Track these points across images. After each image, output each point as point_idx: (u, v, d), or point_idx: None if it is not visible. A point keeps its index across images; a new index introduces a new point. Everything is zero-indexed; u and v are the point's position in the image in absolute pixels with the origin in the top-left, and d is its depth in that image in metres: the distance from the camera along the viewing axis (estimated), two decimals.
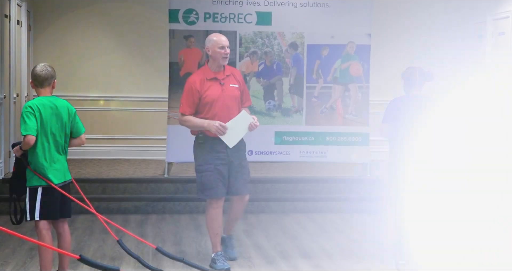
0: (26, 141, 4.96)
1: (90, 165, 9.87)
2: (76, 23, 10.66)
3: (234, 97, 5.93)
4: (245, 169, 6.01)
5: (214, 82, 5.88)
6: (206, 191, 5.91)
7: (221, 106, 5.85)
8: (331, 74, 9.20)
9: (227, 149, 5.88)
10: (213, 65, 5.92)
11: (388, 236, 7.13)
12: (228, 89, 5.90)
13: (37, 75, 5.13)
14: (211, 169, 5.87)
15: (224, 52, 5.83)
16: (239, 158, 5.98)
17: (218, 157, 5.88)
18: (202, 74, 5.92)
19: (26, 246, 6.66)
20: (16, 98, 9.33)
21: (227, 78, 5.94)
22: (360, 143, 9.18)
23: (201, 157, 5.96)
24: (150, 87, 10.72)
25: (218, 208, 5.94)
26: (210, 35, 5.99)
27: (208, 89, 5.84)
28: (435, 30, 11.17)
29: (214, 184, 5.87)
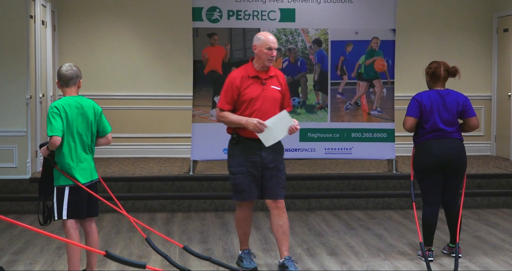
0: (52, 141, 4.99)
1: (115, 164, 9.92)
2: (100, 23, 10.71)
3: (274, 99, 5.68)
4: (281, 173, 5.72)
5: (255, 81, 5.65)
6: (237, 194, 5.73)
7: (260, 106, 5.61)
8: (355, 70, 9.16)
9: (261, 152, 5.64)
10: (257, 63, 5.68)
11: (414, 232, 7.11)
12: (269, 89, 5.66)
13: (63, 75, 5.15)
14: (244, 172, 5.65)
15: (270, 54, 5.60)
16: (275, 161, 5.70)
17: (251, 159, 5.64)
18: (244, 71, 5.69)
19: (54, 245, 6.71)
20: (42, 98, 9.40)
21: (270, 79, 5.70)
22: (385, 139, 9.13)
23: (234, 159, 5.72)
24: (175, 86, 10.74)
25: (247, 210, 5.81)
26: (259, 33, 5.74)
27: (248, 87, 5.62)
28: (460, 24, 11.07)
29: (246, 187, 5.66)
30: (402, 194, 8.67)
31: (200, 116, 8.95)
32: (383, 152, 9.16)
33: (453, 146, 6.06)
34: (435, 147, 6.04)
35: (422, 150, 6.11)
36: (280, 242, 5.74)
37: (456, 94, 6.15)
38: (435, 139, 6.06)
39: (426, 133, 6.09)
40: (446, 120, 6.05)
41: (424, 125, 6.09)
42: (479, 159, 10.55)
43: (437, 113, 6.04)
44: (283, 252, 5.73)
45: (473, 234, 7.15)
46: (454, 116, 6.08)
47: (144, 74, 10.78)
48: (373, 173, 9.11)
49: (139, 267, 3.46)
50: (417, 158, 6.16)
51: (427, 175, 6.10)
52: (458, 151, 6.07)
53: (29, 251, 6.50)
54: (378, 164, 9.76)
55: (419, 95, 6.15)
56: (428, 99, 6.08)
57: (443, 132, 6.05)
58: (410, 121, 6.10)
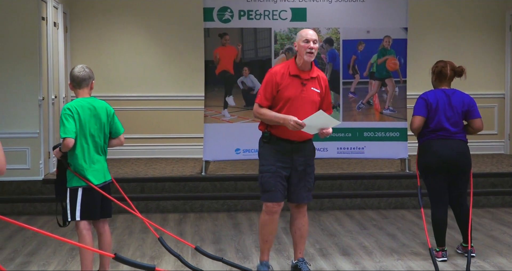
0: (65, 143, 4.99)
1: (128, 165, 9.93)
2: (111, 24, 10.74)
3: (313, 102, 5.41)
4: (309, 176, 5.54)
5: (295, 80, 5.39)
6: (265, 194, 5.48)
7: (296, 106, 5.36)
8: (367, 69, 9.13)
9: (292, 154, 5.46)
10: (299, 61, 5.40)
11: (428, 232, 7.08)
12: (308, 91, 5.39)
13: (75, 76, 5.16)
14: (272, 171, 5.43)
15: (308, 46, 5.30)
16: (305, 164, 5.51)
17: (281, 160, 5.45)
18: (286, 68, 5.43)
19: (67, 246, 6.73)
20: (55, 99, 9.43)
21: (311, 80, 5.42)
22: (398, 138, 9.09)
23: (264, 157, 5.51)
24: (186, 86, 10.75)
25: (273, 213, 5.49)
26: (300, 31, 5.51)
27: (287, 85, 5.37)
28: (473, 22, 11.01)
29: (272, 187, 5.43)
30: (415, 194, 8.60)
31: (212, 116, 8.95)
32: (395, 151, 9.12)
33: (456, 147, 6.02)
34: (439, 147, 6.00)
35: (426, 149, 6.08)
36: (296, 245, 5.68)
37: (461, 94, 6.12)
38: (439, 139, 6.03)
39: (430, 132, 6.06)
40: (451, 120, 6.02)
41: (429, 124, 6.06)
42: (492, 157, 10.48)
43: (443, 112, 6.01)
44: (297, 254, 5.69)
45: (487, 234, 7.10)
46: (459, 116, 6.05)
47: (156, 75, 10.79)
48: (385, 173, 9.08)
49: (148, 269, 3.46)
50: (421, 158, 6.14)
51: (432, 175, 6.07)
52: (461, 152, 6.03)
53: (42, 252, 6.52)
54: (390, 163, 9.72)
55: (425, 94, 6.13)
56: (434, 98, 6.05)
57: (447, 132, 6.01)
58: (417, 120, 6.06)
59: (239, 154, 8.95)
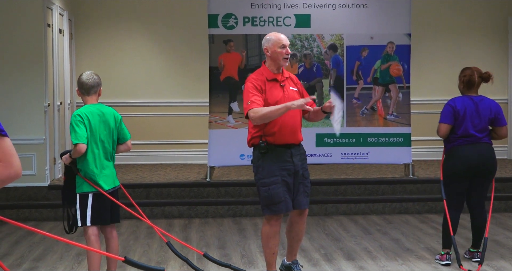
0: (78, 149, 5.04)
1: (133, 171, 9.98)
2: (116, 30, 10.80)
3: (295, 100, 5.29)
4: (307, 180, 5.50)
5: (274, 84, 5.36)
6: (273, 207, 5.28)
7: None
8: (371, 75, 9.17)
9: (293, 158, 5.37)
10: (272, 66, 5.36)
11: (432, 237, 7.11)
12: (289, 91, 5.40)
13: (84, 83, 5.22)
14: (278, 181, 5.27)
15: (285, 52, 5.28)
16: (303, 168, 5.47)
17: (284, 167, 5.31)
18: (262, 75, 5.38)
19: (74, 251, 6.78)
20: (60, 105, 9.49)
21: (286, 81, 5.44)
22: (402, 143, 9.13)
23: (265, 169, 5.30)
24: (191, 92, 10.81)
25: (277, 225, 5.38)
26: (268, 34, 5.41)
27: (270, 90, 5.32)
28: (476, 28, 11.06)
29: (282, 197, 5.27)
30: (419, 199, 8.67)
31: (216, 122, 9.00)
32: (399, 157, 9.16)
33: (484, 150, 6.08)
34: (467, 152, 6.04)
35: (454, 155, 6.10)
36: (292, 247, 5.67)
37: (489, 101, 6.15)
38: (466, 145, 6.06)
39: (457, 138, 6.10)
40: (477, 127, 6.06)
41: (456, 130, 6.09)
42: None
43: (470, 120, 6.05)
44: (292, 256, 5.69)
45: (490, 238, 7.13)
46: (486, 123, 6.10)
47: (161, 81, 10.85)
48: (389, 178, 9.11)
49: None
50: (448, 163, 6.15)
51: (456, 181, 6.11)
52: (489, 156, 6.09)
53: (48, 258, 6.57)
54: (394, 169, 9.76)
55: (453, 101, 6.14)
56: (462, 105, 6.08)
57: (474, 137, 6.06)
58: (444, 128, 6.10)
59: (243, 160, 8.99)
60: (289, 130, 5.33)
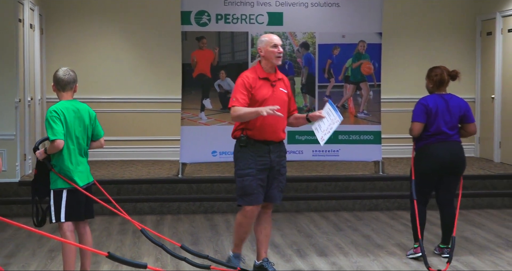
0: (55, 145, 5.02)
1: (104, 167, 9.95)
2: (88, 26, 10.74)
3: (284, 101, 5.66)
4: (282, 177, 5.73)
5: (265, 82, 5.62)
6: (245, 197, 5.59)
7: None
8: (342, 73, 9.26)
9: (270, 154, 5.62)
10: (266, 65, 5.65)
11: (402, 233, 7.22)
12: (278, 91, 5.65)
13: (60, 79, 5.21)
14: (253, 174, 5.57)
15: (277, 51, 5.58)
16: (280, 164, 5.69)
17: (260, 161, 5.59)
18: (254, 73, 5.65)
19: (46, 247, 6.75)
20: (31, 101, 9.42)
21: (278, 81, 5.70)
22: (372, 141, 9.24)
23: (242, 161, 5.62)
24: (163, 89, 10.79)
25: (251, 218, 5.65)
26: (262, 36, 5.72)
27: (259, 88, 5.58)
28: (445, 28, 11.22)
29: (254, 190, 5.57)
30: (388, 196, 8.79)
31: (189, 119, 9.01)
32: (369, 154, 9.27)
33: (455, 149, 6.21)
34: (439, 151, 6.16)
35: (426, 154, 6.21)
36: (261, 244, 5.81)
37: (458, 99, 6.30)
38: (438, 143, 6.17)
39: (429, 136, 6.20)
40: (448, 124, 6.18)
41: (428, 128, 6.20)
42: None
43: (442, 117, 6.17)
44: (262, 254, 5.82)
45: (459, 235, 7.26)
46: (456, 120, 6.22)
47: (133, 77, 10.82)
48: (360, 175, 9.22)
49: (140, 267, 3.53)
50: (419, 161, 6.25)
51: (427, 178, 6.21)
52: (459, 153, 6.24)
53: (21, 254, 6.53)
54: (364, 166, 9.87)
55: (425, 99, 6.26)
56: (434, 103, 6.19)
57: (445, 135, 6.18)
58: (417, 126, 6.20)
59: (215, 157, 9.02)
60: (270, 128, 5.60)
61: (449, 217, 6.31)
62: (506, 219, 8.10)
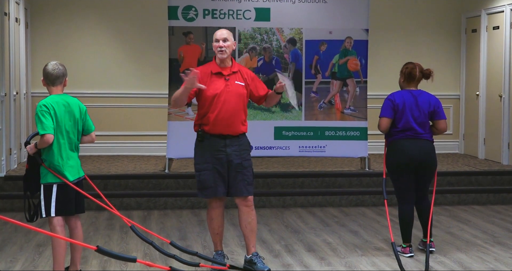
0: (45, 140, 4.99)
1: (89, 162, 9.90)
2: (73, 20, 10.67)
3: (239, 94, 5.71)
4: (246, 170, 5.74)
5: (218, 77, 5.69)
6: (203, 191, 5.75)
7: (224, 101, 5.64)
8: (329, 69, 9.29)
9: (226, 148, 5.69)
10: (218, 60, 5.73)
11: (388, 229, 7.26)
12: (233, 85, 5.70)
13: (49, 73, 5.18)
14: (209, 168, 5.70)
15: (218, 46, 5.64)
16: (241, 158, 5.72)
17: (216, 156, 5.69)
18: (207, 68, 5.76)
19: (33, 242, 6.72)
20: (16, 95, 9.35)
21: (233, 75, 5.74)
22: (358, 137, 9.28)
23: (199, 155, 5.82)
24: (150, 84, 10.75)
25: (217, 208, 5.80)
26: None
27: (211, 83, 5.66)
28: (431, 25, 11.28)
29: (211, 183, 5.68)
30: (375, 192, 8.83)
31: (175, 114, 8.99)
32: (356, 150, 9.30)
33: (424, 146, 6.21)
34: (407, 147, 6.18)
35: (395, 149, 6.25)
36: (248, 239, 5.83)
37: (428, 95, 6.31)
38: (407, 139, 6.20)
39: (398, 132, 6.23)
40: (418, 120, 6.20)
41: (397, 124, 6.23)
42: (448, 157, 10.76)
43: (410, 113, 6.19)
44: (251, 248, 5.83)
45: (445, 230, 7.32)
46: (425, 116, 6.23)
47: (119, 72, 10.77)
48: (346, 171, 9.26)
49: (130, 261, 3.52)
50: (390, 157, 6.30)
51: (401, 174, 6.24)
52: (429, 152, 6.23)
53: (8, 249, 6.49)
54: (350, 162, 9.91)
55: (392, 95, 6.30)
56: (401, 98, 6.22)
57: (414, 132, 6.19)
58: (384, 122, 6.24)
59: None
60: (225, 122, 5.67)
61: (424, 211, 6.34)
62: (491, 215, 8.17)
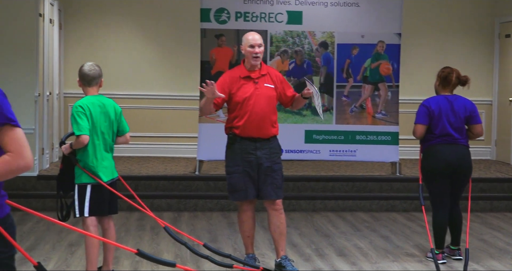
0: (81, 140, 5.03)
1: (120, 163, 9.94)
2: (106, 21, 10.75)
3: (268, 97, 5.72)
4: (276, 173, 5.73)
5: (247, 81, 5.71)
6: (234, 194, 5.78)
7: (253, 104, 5.65)
8: (361, 73, 9.25)
9: (257, 151, 5.69)
10: (247, 64, 5.75)
11: (420, 235, 7.20)
12: (262, 88, 5.71)
13: (86, 74, 5.22)
14: (240, 171, 5.71)
15: (253, 52, 5.65)
16: (271, 161, 5.72)
17: (247, 159, 5.70)
18: (236, 72, 5.79)
19: (66, 242, 6.77)
20: (49, 96, 9.44)
21: (262, 77, 5.74)
22: (389, 142, 9.22)
23: (230, 158, 5.83)
24: (182, 86, 10.79)
25: (248, 210, 5.80)
26: (245, 34, 5.80)
27: (240, 87, 5.68)
28: (464, 29, 11.18)
29: (242, 186, 5.70)
30: (406, 197, 8.76)
31: (206, 117, 8.98)
32: (387, 155, 9.25)
33: (460, 152, 6.16)
34: (443, 152, 6.13)
35: (431, 154, 6.20)
36: (277, 242, 5.82)
37: (463, 99, 6.25)
38: (443, 144, 6.15)
39: (435, 137, 6.18)
40: (454, 125, 6.15)
41: (433, 130, 6.17)
42: (480, 163, 10.65)
43: (446, 118, 6.14)
44: (280, 252, 5.82)
45: (478, 237, 7.25)
46: (461, 121, 6.18)
47: (151, 74, 10.82)
48: (377, 176, 9.21)
49: (169, 265, 3.50)
50: (426, 162, 6.25)
51: (436, 179, 6.19)
52: (465, 157, 6.18)
53: (40, 248, 6.55)
54: (381, 167, 9.84)
55: (427, 101, 6.24)
56: (436, 104, 6.17)
57: (451, 137, 6.15)
58: (420, 128, 6.19)
59: None
60: (255, 125, 5.69)
61: (455, 218, 6.28)
62: None
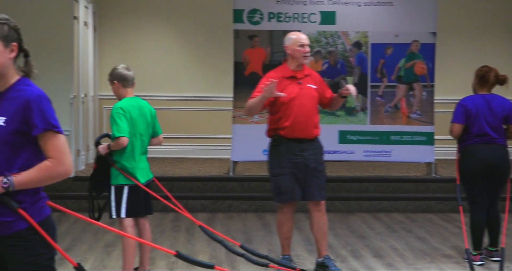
0: (120, 142, 5.05)
1: (154, 164, 9.96)
2: (140, 24, 10.82)
3: (312, 97, 5.69)
4: (320, 174, 5.72)
5: (292, 81, 5.67)
6: (280, 195, 5.69)
7: (299, 105, 5.60)
8: (395, 73, 9.18)
9: (303, 152, 5.64)
10: (292, 64, 5.73)
11: (457, 236, 7.11)
12: (305, 88, 5.67)
13: (125, 76, 5.27)
14: (286, 173, 5.63)
15: (303, 51, 5.63)
16: (316, 162, 5.70)
17: (293, 160, 5.63)
18: (280, 72, 5.72)
19: (102, 243, 6.82)
20: (84, 98, 9.53)
21: (305, 78, 5.72)
22: (425, 142, 9.13)
23: (276, 160, 5.70)
24: (215, 87, 10.82)
25: (289, 212, 5.76)
26: (289, 34, 5.82)
27: (285, 88, 5.60)
28: (500, 28, 11.04)
29: (289, 188, 5.63)
30: (442, 198, 8.67)
31: (240, 118, 9.01)
32: (422, 155, 9.16)
33: (498, 151, 6.08)
34: (481, 151, 6.05)
35: (468, 154, 6.12)
36: (320, 242, 5.81)
37: (502, 99, 6.16)
38: (481, 144, 6.07)
39: (472, 137, 6.11)
40: (492, 124, 6.06)
41: (470, 129, 6.10)
42: None
43: (483, 118, 6.05)
44: (322, 252, 5.80)
45: None
46: (499, 121, 6.09)
47: (184, 75, 10.87)
48: (412, 176, 9.13)
49: (207, 267, 3.50)
50: (463, 162, 6.18)
51: (474, 179, 6.11)
52: (503, 157, 6.10)
53: (77, 249, 6.61)
54: (416, 167, 9.75)
55: (464, 100, 6.17)
56: (473, 103, 6.09)
57: (489, 137, 6.07)
58: (456, 128, 6.12)
59: (266, 155, 8.98)
60: (301, 126, 5.62)
61: (493, 219, 6.19)
62: None
